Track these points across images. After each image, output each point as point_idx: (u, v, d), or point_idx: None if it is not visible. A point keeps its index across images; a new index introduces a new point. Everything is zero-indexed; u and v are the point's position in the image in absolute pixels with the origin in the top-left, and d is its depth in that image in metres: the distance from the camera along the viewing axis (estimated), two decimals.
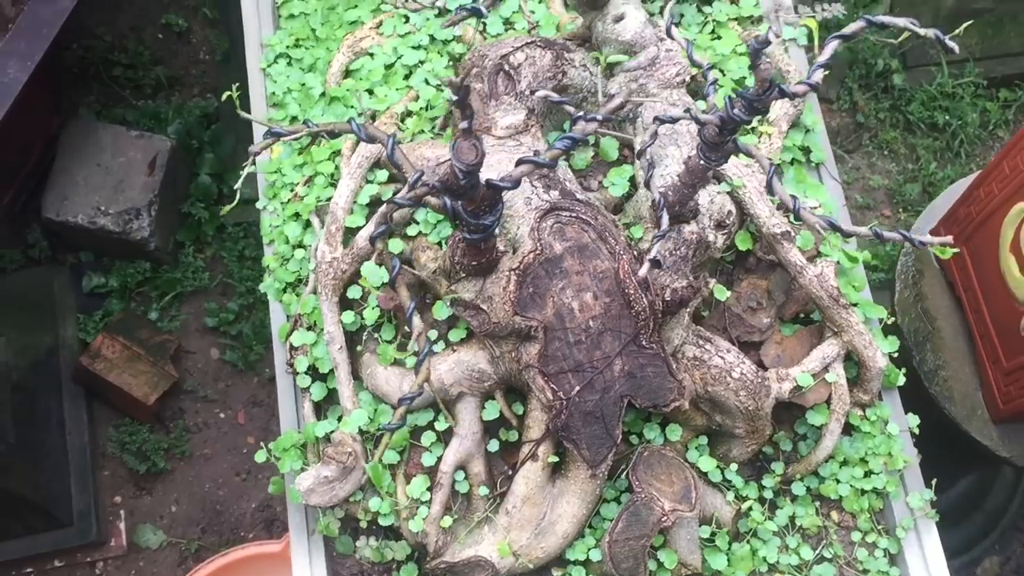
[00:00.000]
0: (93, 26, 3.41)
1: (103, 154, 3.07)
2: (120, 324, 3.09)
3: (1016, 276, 1.99)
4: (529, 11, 1.53)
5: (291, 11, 1.63)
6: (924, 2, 3.57)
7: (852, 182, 3.57)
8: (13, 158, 3.04)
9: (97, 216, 3.02)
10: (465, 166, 0.93)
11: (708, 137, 1.08)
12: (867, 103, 3.59)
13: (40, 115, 3.04)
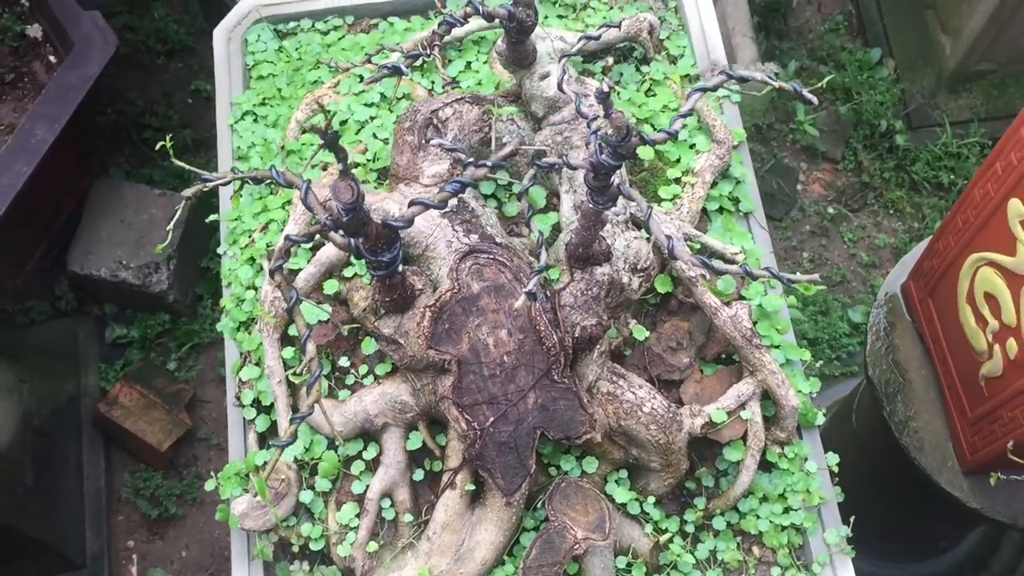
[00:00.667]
0: (127, 92, 3.63)
1: (127, 211, 3.25)
2: (138, 373, 3.24)
3: (972, 327, 2.02)
4: (474, 70, 1.65)
5: (260, 72, 1.77)
6: (928, 64, 3.65)
7: (857, 241, 3.61)
8: (45, 215, 3.23)
9: (119, 270, 3.18)
10: (344, 204, 1.03)
11: (591, 183, 1.17)
12: (872, 163, 3.64)
13: (71, 174, 3.23)
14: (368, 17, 1.83)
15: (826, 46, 3.75)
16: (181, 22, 3.74)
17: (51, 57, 3.18)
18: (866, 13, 3.78)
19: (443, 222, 1.41)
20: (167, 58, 3.73)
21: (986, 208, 1.91)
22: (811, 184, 3.68)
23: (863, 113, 3.60)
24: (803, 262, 3.52)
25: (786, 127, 3.63)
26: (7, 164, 2.85)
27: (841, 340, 3.40)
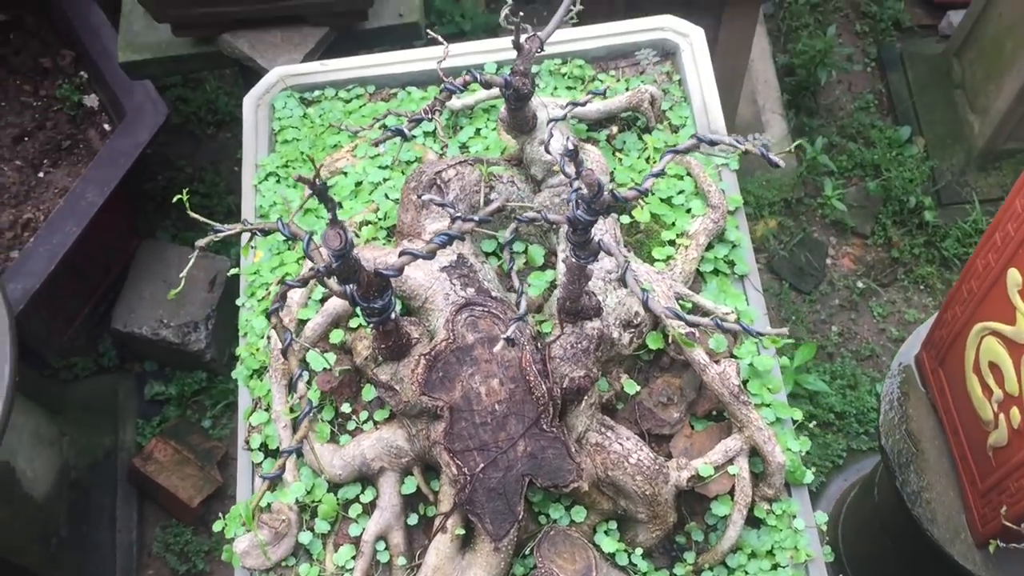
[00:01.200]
0: (177, 160, 3.80)
1: (169, 271, 3.38)
2: (174, 429, 3.34)
3: (979, 396, 2.03)
4: (483, 136, 1.74)
5: (285, 137, 1.88)
6: (957, 142, 3.68)
7: (887, 316, 3.62)
8: (93, 274, 3.37)
9: (160, 328, 3.30)
10: (333, 251, 1.11)
11: (572, 238, 1.24)
12: (902, 239, 3.66)
13: (119, 236, 3.38)
14: (388, 87, 1.94)
15: (856, 123, 3.81)
16: (231, 95, 3.92)
17: (105, 125, 3.35)
18: (896, 92, 3.84)
19: (442, 276, 1.49)
20: (216, 128, 3.90)
21: (987, 278, 1.94)
22: (840, 258, 3.71)
23: (892, 189, 3.64)
24: (832, 335, 3.53)
25: (815, 201, 3.68)
26: (58, 225, 3.01)
27: (869, 415, 3.39)
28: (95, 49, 3.24)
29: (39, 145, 3.31)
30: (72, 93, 3.33)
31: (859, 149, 3.75)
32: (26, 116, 3.33)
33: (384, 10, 2.48)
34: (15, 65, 3.40)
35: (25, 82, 3.39)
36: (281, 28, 2.38)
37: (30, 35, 3.44)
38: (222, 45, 2.42)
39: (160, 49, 2.52)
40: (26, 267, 2.94)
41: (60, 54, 3.39)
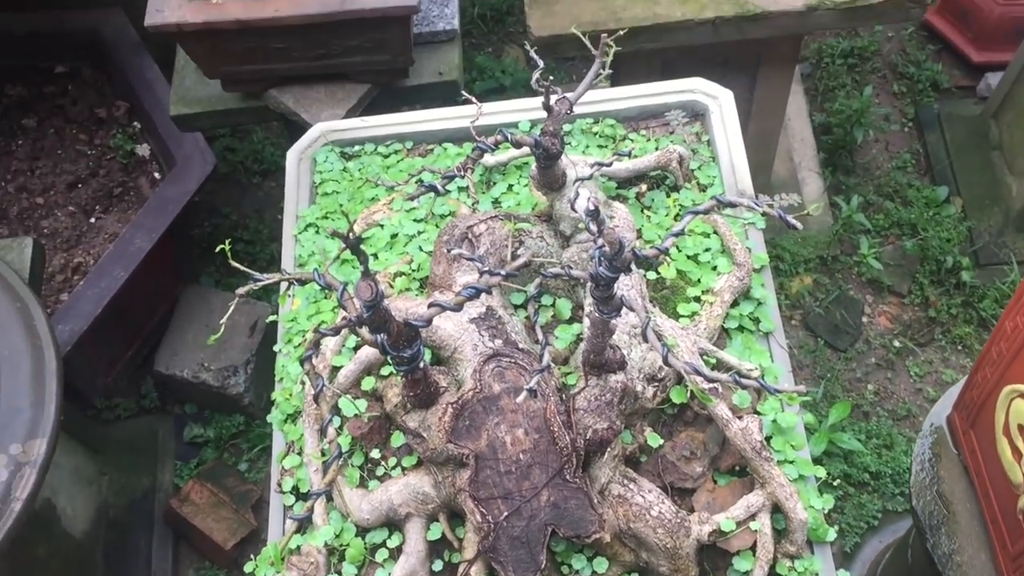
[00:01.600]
0: (223, 207, 3.90)
1: (212, 316, 3.46)
2: (211, 472, 3.39)
3: (1009, 459, 2.02)
4: (515, 192, 1.80)
5: (326, 189, 1.95)
6: (995, 203, 3.68)
7: (924, 375, 3.59)
8: (138, 318, 3.46)
9: (200, 371, 3.37)
10: (364, 302, 1.16)
11: (595, 294, 1.28)
12: (939, 298, 3.65)
13: (165, 281, 3.47)
14: (425, 142, 2.01)
15: (892, 182, 3.82)
16: (277, 145, 4.03)
17: (156, 173, 3.47)
18: (933, 152, 3.86)
19: (471, 327, 1.53)
20: (262, 177, 4.01)
21: (1016, 340, 1.95)
22: (877, 317, 3.70)
23: (929, 249, 3.63)
24: (867, 394, 3.51)
25: (851, 259, 3.68)
26: (107, 269, 3.10)
27: (904, 475, 3.35)
28: (148, 101, 3.36)
29: (92, 192, 3.43)
30: (125, 142, 3.45)
31: (896, 208, 3.76)
32: (81, 164, 3.46)
33: (424, 68, 2.56)
34: (72, 115, 3.54)
35: (81, 131, 3.53)
36: (325, 84, 2.47)
37: (87, 86, 3.58)
38: (269, 100, 2.51)
39: (210, 103, 2.62)
40: (75, 309, 3.04)
41: (115, 105, 3.52)
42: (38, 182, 3.43)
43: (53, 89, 3.57)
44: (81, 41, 3.51)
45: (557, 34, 2.71)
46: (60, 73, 3.60)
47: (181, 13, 2.16)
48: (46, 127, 3.53)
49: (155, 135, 3.41)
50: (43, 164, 3.46)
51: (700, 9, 2.72)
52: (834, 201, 3.73)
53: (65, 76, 3.60)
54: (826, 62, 4.12)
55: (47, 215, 3.39)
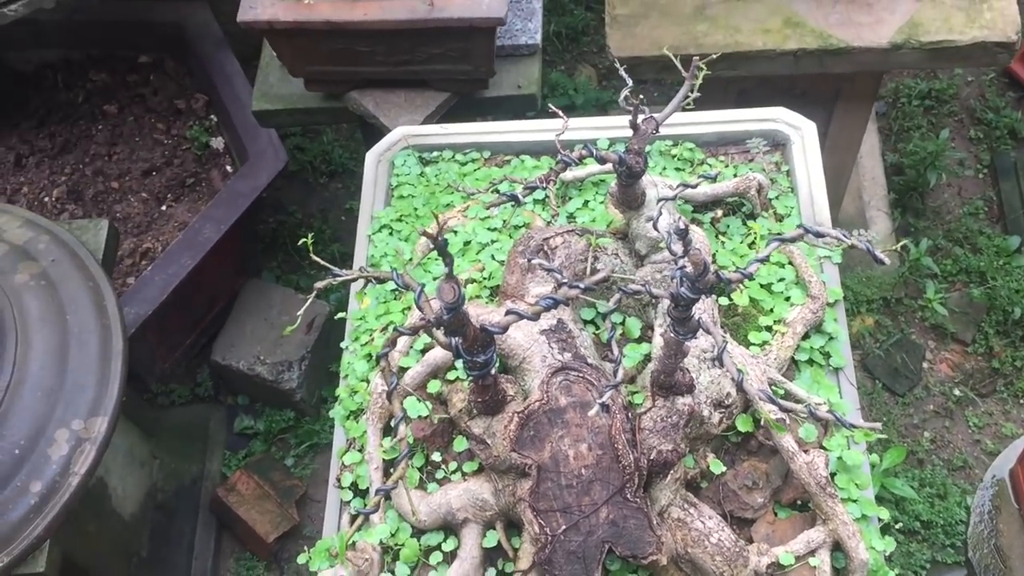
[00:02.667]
0: (288, 205, 3.96)
1: (271, 310, 3.50)
2: (258, 464, 3.42)
3: None
4: (590, 208, 1.80)
5: (402, 193, 1.97)
6: None
7: (983, 427, 3.52)
8: (200, 307, 3.51)
9: (256, 364, 3.41)
10: (446, 304, 1.17)
11: (673, 314, 1.27)
12: (1004, 349, 3.58)
13: (228, 273, 3.52)
14: (503, 153, 2.02)
15: (963, 228, 3.76)
16: (346, 147, 4.08)
17: (228, 167, 3.52)
18: (1007, 201, 3.79)
19: (541, 338, 1.54)
20: (329, 178, 4.05)
21: None
22: (938, 364, 3.63)
23: (997, 298, 3.57)
24: (923, 441, 3.45)
25: (915, 303, 3.63)
26: (175, 257, 3.15)
27: (956, 527, 3.29)
28: (227, 95, 3.41)
29: (165, 180, 3.49)
30: (201, 135, 3.51)
31: (965, 255, 3.70)
32: (156, 152, 3.53)
33: (504, 80, 2.58)
34: (152, 104, 3.61)
35: (159, 120, 3.60)
36: (405, 90, 2.50)
37: (168, 77, 3.66)
38: (349, 102, 2.54)
39: (291, 101, 2.66)
40: (141, 294, 3.09)
41: (194, 97, 3.59)
42: (115, 167, 3.51)
43: (136, 78, 3.65)
44: (165, 33, 3.58)
45: (637, 55, 2.71)
46: (143, 63, 3.68)
47: (273, 11, 2.20)
48: (126, 114, 3.61)
49: (231, 129, 3.46)
50: (120, 150, 3.54)
51: (783, 40, 2.71)
52: (904, 243, 3.68)
53: (148, 66, 3.67)
54: (902, 102, 4.07)
55: (121, 200, 3.46)
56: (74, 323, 2.49)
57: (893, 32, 2.72)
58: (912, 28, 2.70)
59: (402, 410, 1.23)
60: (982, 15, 2.71)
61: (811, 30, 2.70)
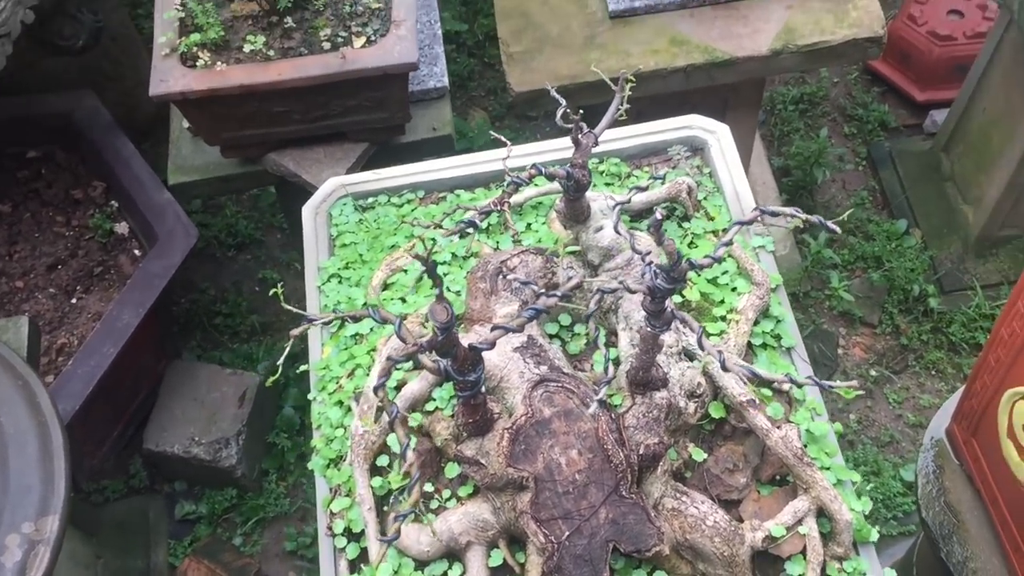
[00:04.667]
0: (200, 282, 3.91)
1: (199, 389, 3.44)
2: (206, 548, 3.34)
3: (1016, 460, 2.10)
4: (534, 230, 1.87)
5: (344, 241, 1.99)
6: (954, 232, 3.83)
7: (902, 401, 3.69)
8: (123, 396, 3.42)
9: (191, 446, 3.34)
10: (440, 323, 1.20)
11: (648, 307, 1.34)
12: (909, 326, 3.77)
13: (149, 358, 3.45)
14: (437, 191, 2.07)
15: (854, 219, 3.96)
16: (250, 218, 4.06)
17: (136, 251, 3.46)
18: (889, 188, 4.02)
19: (515, 356, 1.58)
20: (237, 250, 4.02)
21: (1014, 346, 2.03)
22: (851, 348, 3.81)
23: (895, 279, 3.77)
24: (851, 423, 3.60)
25: (822, 294, 3.80)
26: (96, 347, 3.08)
27: (896, 499, 3.43)
28: (127, 178, 3.37)
29: (72, 273, 3.41)
30: (103, 222, 3.45)
31: (859, 243, 3.90)
32: (59, 245, 3.44)
33: (419, 124, 2.64)
34: (48, 198, 3.53)
35: (58, 213, 3.52)
36: (324, 145, 2.53)
37: (62, 169, 3.58)
38: (267, 164, 2.55)
39: (208, 170, 2.65)
40: (65, 390, 3.00)
41: (91, 185, 3.52)
42: (17, 266, 3.41)
43: (27, 173, 3.57)
44: (53, 124, 3.52)
45: (536, 89, 2.81)
46: (33, 157, 3.60)
47: (185, 81, 2.21)
48: (22, 211, 3.52)
49: (134, 212, 3.41)
50: (21, 248, 3.44)
51: (672, 58, 2.85)
52: (801, 239, 3.86)
53: (39, 160, 3.59)
54: (779, 109, 4.29)
55: (28, 298, 3.36)
56: (9, 424, 2.41)
57: (771, 40, 2.89)
58: (788, 34, 2.88)
59: (407, 436, 1.26)
60: (849, 15, 2.91)
61: (696, 46, 2.85)
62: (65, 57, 3.22)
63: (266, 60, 2.25)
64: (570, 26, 2.88)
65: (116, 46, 3.77)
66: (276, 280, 3.91)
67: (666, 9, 2.88)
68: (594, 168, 2.05)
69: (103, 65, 3.75)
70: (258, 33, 2.30)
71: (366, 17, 2.36)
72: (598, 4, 2.91)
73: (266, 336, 3.80)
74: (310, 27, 2.33)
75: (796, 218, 1.32)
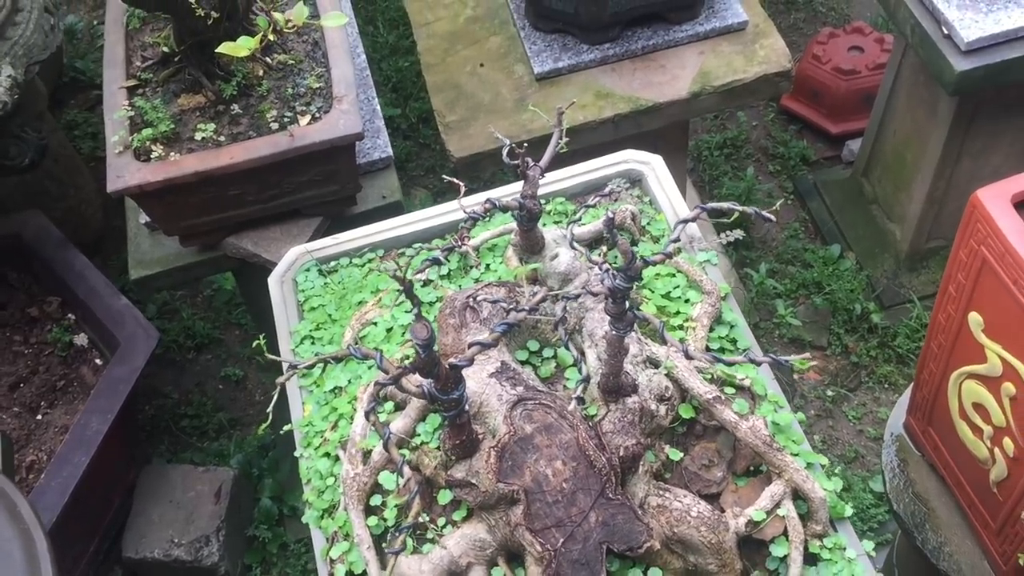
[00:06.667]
0: (162, 387, 3.92)
1: (174, 491, 3.43)
2: None
3: (971, 439, 2.21)
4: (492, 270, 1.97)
5: (312, 305, 2.07)
6: (885, 250, 4.01)
7: (861, 417, 3.81)
8: (97, 508, 3.40)
9: (171, 548, 3.32)
10: (421, 340, 1.28)
11: (611, 310, 1.44)
12: (857, 344, 3.91)
13: (119, 467, 3.44)
14: (396, 247, 2.17)
15: (790, 250, 4.14)
16: (206, 318, 4.10)
17: (97, 360, 3.49)
18: (818, 217, 4.21)
19: (492, 381, 1.66)
20: (196, 352, 4.05)
21: (951, 329, 2.15)
22: (806, 373, 3.93)
23: (837, 301, 3.92)
24: (816, 444, 3.70)
25: (770, 323, 3.94)
26: (67, 457, 3.08)
27: (869, 511, 3.52)
28: (82, 290, 3.41)
29: (35, 389, 3.42)
30: (62, 335, 3.47)
31: (798, 271, 4.07)
32: (20, 364, 3.46)
33: (369, 195, 2.74)
34: (3, 319, 3.55)
35: (15, 333, 3.54)
36: (279, 224, 2.62)
37: (14, 289, 3.61)
38: (227, 248, 2.63)
39: (168, 261, 2.72)
40: (40, 503, 2.99)
41: (46, 301, 3.56)
42: None
43: None
44: (3, 246, 3.56)
45: (476, 152, 2.95)
46: None
47: (141, 175, 2.29)
48: None
49: (92, 322, 3.45)
50: None
51: (599, 111, 3.01)
52: (744, 274, 4.01)
53: None
54: (705, 155, 4.49)
55: None
56: None
57: (689, 84, 3.07)
58: (704, 77, 3.06)
59: (401, 456, 1.32)
60: (757, 54, 3.11)
61: (621, 97, 3.01)
62: (11, 178, 3.29)
63: (218, 146, 2.34)
64: (500, 92, 3.04)
65: (58, 166, 3.86)
66: (238, 375, 3.94)
67: (588, 67, 3.05)
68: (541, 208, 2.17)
69: (47, 185, 3.82)
70: (207, 122, 2.40)
71: (308, 97, 2.48)
72: (524, 69, 3.07)
73: (235, 431, 3.81)
74: (256, 111, 2.43)
75: (734, 211, 1.43)
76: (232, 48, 2.05)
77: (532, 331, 1.79)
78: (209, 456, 3.70)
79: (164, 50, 2.45)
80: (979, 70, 2.97)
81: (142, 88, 2.49)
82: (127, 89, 2.48)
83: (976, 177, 3.56)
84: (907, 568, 2.78)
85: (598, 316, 1.73)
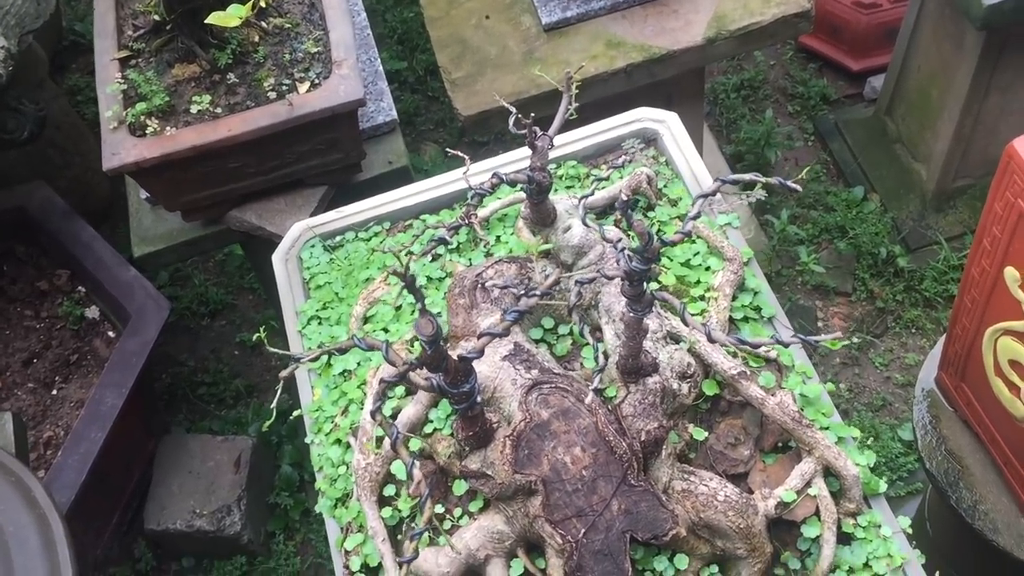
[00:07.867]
0: (178, 355, 3.88)
1: (193, 461, 3.41)
2: None
3: (1007, 396, 2.13)
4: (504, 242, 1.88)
5: (317, 283, 2.00)
6: (910, 191, 3.89)
7: (888, 364, 3.73)
8: (117, 481, 3.39)
9: (193, 519, 3.31)
10: (426, 337, 1.21)
11: (628, 292, 1.35)
12: (882, 289, 3.81)
13: (138, 438, 3.42)
14: (403, 219, 2.09)
15: (812, 193, 4.02)
16: (219, 284, 4.05)
17: (109, 333, 3.45)
18: (840, 158, 4.08)
19: (505, 364, 1.59)
20: (211, 318, 4.01)
21: (986, 284, 2.07)
22: (831, 319, 3.85)
23: (862, 245, 3.82)
24: (843, 392, 3.63)
25: (793, 271, 3.85)
26: (83, 433, 3.05)
27: (898, 460, 3.46)
28: (91, 262, 3.36)
29: (49, 364, 3.38)
30: (73, 309, 3.43)
31: (821, 215, 3.95)
32: (32, 339, 3.42)
33: (374, 161, 2.66)
34: (13, 293, 3.51)
35: (25, 307, 3.49)
36: (283, 194, 2.54)
37: (22, 263, 3.57)
38: (230, 221, 2.56)
39: (172, 237, 2.66)
40: (59, 482, 2.97)
41: (55, 275, 3.51)
42: None
43: None
44: (8, 220, 3.51)
45: (484, 110, 2.84)
46: None
47: (138, 151, 2.21)
48: None
49: (103, 295, 3.40)
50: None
51: (611, 61, 2.89)
52: (765, 220, 3.91)
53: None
54: (721, 98, 4.36)
55: (7, 396, 3.33)
56: (7, 523, 2.39)
57: (703, 29, 2.94)
58: (719, 21, 2.93)
59: (410, 455, 1.26)
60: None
61: (633, 46, 2.89)
62: (11, 151, 3.22)
63: (215, 118, 2.26)
64: (507, 45, 2.92)
65: (61, 134, 3.77)
66: (254, 341, 3.90)
67: (598, 15, 2.93)
68: (553, 173, 2.07)
69: (51, 155, 3.74)
70: (203, 93, 2.31)
71: (307, 62, 2.38)
72: (531, 20, 2.95)
73: (253, 398, 3.78)
74: (253, 80, 2.34)
75: (756, 183, 1.34)
76: (222, 18, 1.95)
77: (547, 308, 1.71)
78: (228, 424, 3.67)
79: (155, 18, 2.35)
80: (1008, 3, 2.83)
81: (135, 59, 2.40)
82: (119, 60, 2.39)
83: (1006, 112, 3.43)
84: (939, 525, 2.72)
85: (615, 291, 1.65)
